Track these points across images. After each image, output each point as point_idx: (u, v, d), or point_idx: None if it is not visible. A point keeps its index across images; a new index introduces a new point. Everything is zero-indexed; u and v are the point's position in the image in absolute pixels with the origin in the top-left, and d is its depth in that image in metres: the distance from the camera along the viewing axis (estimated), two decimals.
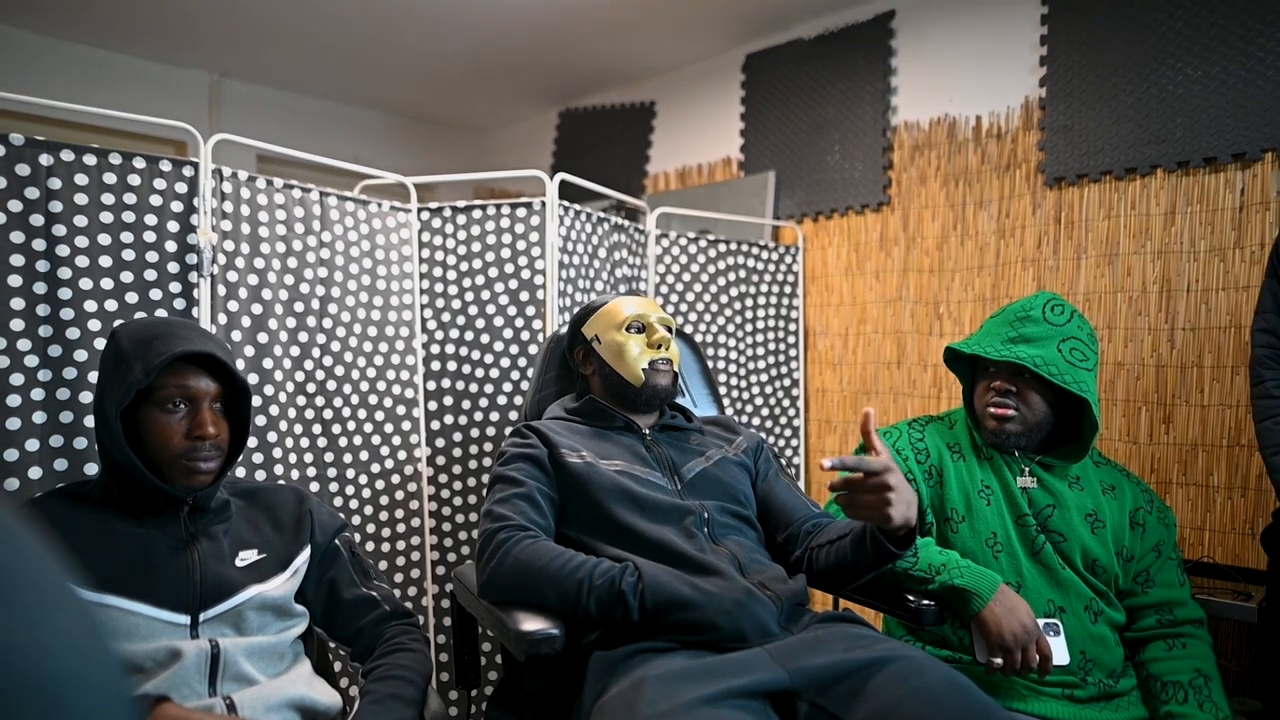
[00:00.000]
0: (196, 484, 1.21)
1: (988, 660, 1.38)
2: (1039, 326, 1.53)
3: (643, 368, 1.55)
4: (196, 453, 1.19)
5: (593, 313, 1.65)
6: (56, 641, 0.29)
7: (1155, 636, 1.50)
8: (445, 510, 2.31)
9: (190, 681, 1.11)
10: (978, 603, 1.38)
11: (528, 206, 2.28)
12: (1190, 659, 1.45)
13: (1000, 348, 1.52)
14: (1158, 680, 1.45)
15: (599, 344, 1.61)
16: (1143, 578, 1.54)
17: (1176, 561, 1.56)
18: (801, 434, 3.19)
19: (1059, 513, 1.52)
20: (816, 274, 3.24)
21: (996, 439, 1.55)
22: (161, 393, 1.18)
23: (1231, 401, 2.24)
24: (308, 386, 2.04)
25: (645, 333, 1.59)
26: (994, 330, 1.57)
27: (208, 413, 1.20)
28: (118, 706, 0.31)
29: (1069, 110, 2.55)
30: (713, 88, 3.70)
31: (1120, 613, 1.52)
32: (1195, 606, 1.53)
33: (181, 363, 1.20)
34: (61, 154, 1.63)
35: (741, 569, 1.32)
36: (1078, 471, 1.58)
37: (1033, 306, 1.56)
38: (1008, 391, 1.52)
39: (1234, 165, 2.25)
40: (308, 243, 2.03)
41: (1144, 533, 1.55)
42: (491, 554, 1.30)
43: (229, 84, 3.93)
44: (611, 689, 1.11)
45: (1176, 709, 1.40)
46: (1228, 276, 2.26)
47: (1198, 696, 1.40)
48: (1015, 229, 2.69)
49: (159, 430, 1.18)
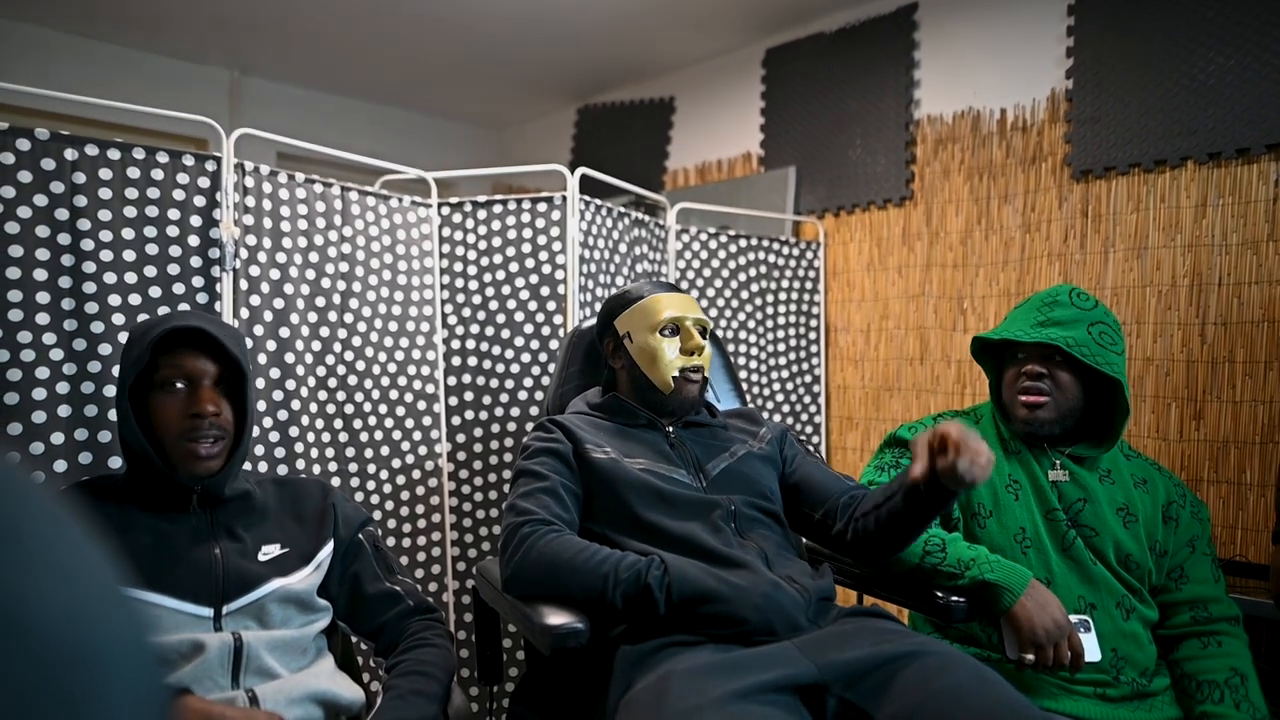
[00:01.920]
0: (198, 470, 1.19)
1: (1019, 657, 1.34)
2: (1067, 310, 1.51)
3: (674, 375, 1.50)
4: (195, 432, 1.18)
5: (627, 305, 1.58)
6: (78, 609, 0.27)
7: (1190, 634, 1.47)
8: (466, 506, 2.31)
9: (213, 674, 1.10)
10: (1008, 598, 1.35)
11: (548, 201, 2.27)
12: (1226, 657, 1.42)
13: (1031, 330, 1.49)
14: (1192, 680, 1.42)
15: (630, 342, 1.55)
16: (1176, 573, 1.51)
17: (1211, 557, 1.52)
18: (823, 431, 3.16)
19: (1090, 507, 1.49)
20: (838, 269, 3.21)
21: (1029, 427, 1.52)
22: (162, 374, 1.19)
23: (1265, 397, 2.20)
24: (329, 381, 2.03)
25: (680, 335, 1.53)
26: (1021, 317, 1.54)
27: (206, 391, 1.20)
28: (149, 690, 0.30)
29: (1097, 102, 2.51)
30: (733, 82, 3.68)
31: (1153, 610, 1.48)
32: (1231, 603, 1.49)
33: (182, 345, 1.20)
34: (86, 149, 1.64)
35: (769, 563, 1.30)
36: (1109, 464, 1.55)
37: (1059, 293, 1.54)
38: (1040, 375, 1.49)
39: (1268, 156, 2.21)
40: (329, 237, 2.03)
41: (1177, 527, 1.52)
42: (515, 548, 1.29)
43: (249, 81, 3.95)
44: (638, 683, 1.09)
45: (1212, 709, 1.36)
46: (1261, 270, 2.22)
47: (1234, 696, 1.36)
48: (1041, 223, 2.65)
49: (160, 412, 1.18)
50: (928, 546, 1.43)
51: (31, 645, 0.25)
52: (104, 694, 0.27)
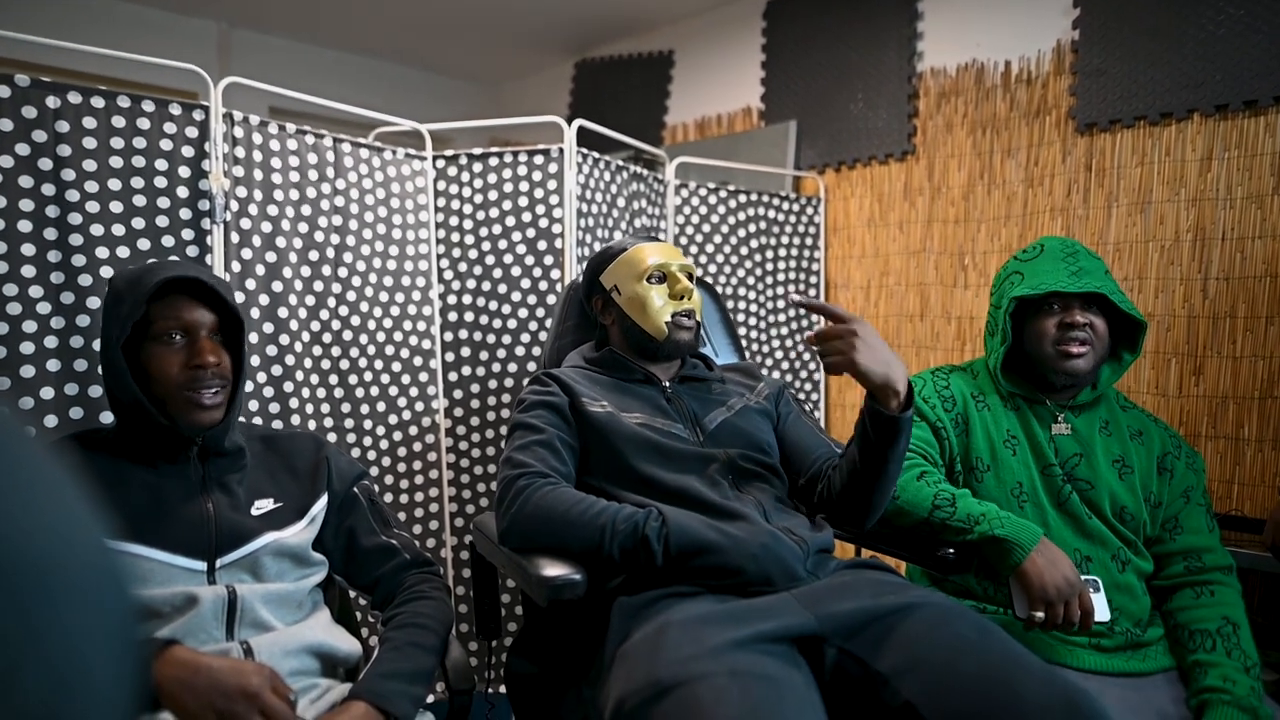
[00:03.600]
0: (202, 420, 1.18)
1: (1028, 615, 1.33)
2: (1089, 260, 1.51)
3: (665, 321, 1.50)
4: (197, 383, 1.16)
5: (610, 260, 1.57)
6: (39, 523, 0.26)
7: (1183, 584, 1.47)
8: (464, 462, 2.30)
9: (207, 627, 1.10)
10: (1019, 554, 1.33)
11: (545, 154, 2.23)
12: (1218, 606, 1.42)
13: (1071, 280, 1.47)
14: (1185, 629, 1.42)
15: (619, 295, 1.54)
16: (1171, 524, 1.51)
17: (1205, 507, 1.53)
18: (822, 388, 3.15)
19: (1085, 461, 1.49)
20: (838, 225, 3.18)
21: (1070, 378, 1.49)
22: (158, 325, 1.16)
23: (1265, 353, 2.19)
24: (324, 336, 2.01)
25: (667, 282, 1.53)
26: (1051, 270, 1.50)
27: (205, 342, 1.18)
28: (112, 610, 0.28)
29: (1103, 53, 2.46)
30: (733, 35, 3.61)
31: (1148, 562, 1.49)
32: (1224, 553, 1.49)
33: (176, 295, 1.17)
34: (69, 96, 1.60)
35: (766, 515, 1.29)
36: (1107, 415, 1.55)
37: (1072, 244, 1.53)
38: (1082, 325, 1.47)
39: (1275, 108, 2.17)
40: (321, 190, 2.00)
41: (1172, 478, 1.52)
42: (512, 500, 1.28)
43: (239, 33, 3.87)
44: (635, 634, 1.09)
45: (1205, 657, 1.37)
46: (1265, 224, 2.19)
47: (1226, 644, 1.37)
48: (1044, 177, 2.62)
49: (159, 363, 1.16)
50: (937, 500, 1.42)
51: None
52: (59, 603, 0.26)
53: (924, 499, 1.43)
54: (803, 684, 1.00)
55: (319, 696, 1.14)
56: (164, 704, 0.93)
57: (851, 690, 1.08)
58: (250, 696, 0.95)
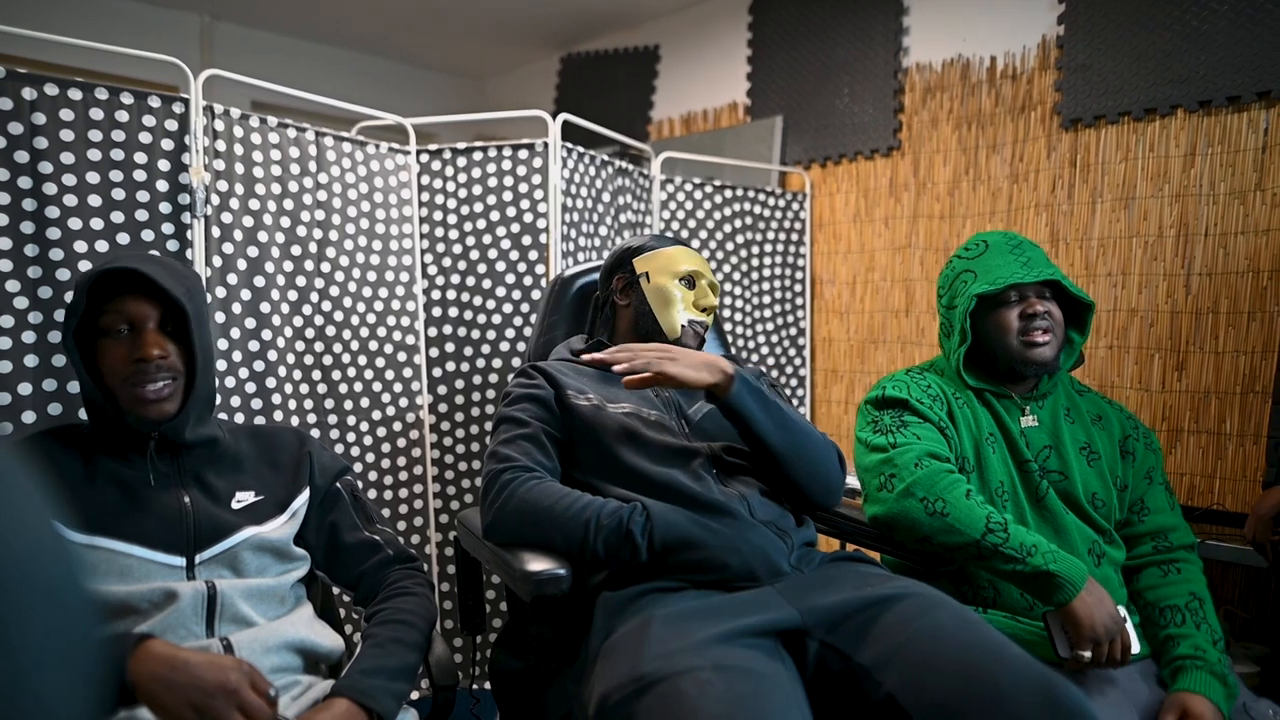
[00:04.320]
0: (149, 414, 1.16)
1: (1073, 654, 1.26)
2: (1033, 250, 1.53)
3: (683, 323, 1.53)
4: (142, 376, 1.14)
5: (648, 251, 1.59)
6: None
7: (1150, 563, 1.50)
8: (448, 458, 2.29)
9: (186, 623, 1.09)
10: (1069, 591, 1.27)
11: (530, 148, 2.22)
12: (1185, 583, 1.46)
13: (1024, 272, 1.48)
14: (1155, 606, 1.45)
15: (647, 281, 1.56)
16: (1138, 506, 1.53)
17: (1165, 486, 1.56)
18: (808, 384, 3.16)
19: (1055, 452, 1.50)
20: (824, 221, 3.18)
21: (1038, 368, 1.49)
22: (104, 319, 1.15)
23: (1246, 348, 2.20)
24: (306, 332, 2.00)
25: (695, 291, 1.56)
26: (1000, 262, 1.52)
27: (150, 334, 1.16)
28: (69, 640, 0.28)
29: (1088, 49, 2.47)
30: (718, 30, 3.61)
31: (1121, 549, 1.50)
32: (1187, 530, 1.52)
33: (123, 288, 1.16)
34: (45, 88, 1.58)
35: (751, 510, 1.29)
36: (1067, 402, 1.56)
37: (1013, 237, 1.56)
38: (1043, 313, 1.48)
39: (1258, 104, 2.18)
40: (304, 184, 1.98)
41: (1134, 460, 1.54)
42: (496, 495, 1.27)
43: (220, 27, 3.84)
44: (619, 629, 1.08)
45: (1176, 631, 1.40)
46: (1247, 220, 2.20)
47: (1194, 619, 1.41)
48: (1029, 173, 2.63)
49: (107, 357, 1.15)
50: (990, 524, 1.33)
51: None
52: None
53: (977, 520, 1.33)
54: (787, 678, 1.00)
55: (301, 693, 1.13)
56: (140, 699, 0.92)
57: (835, 683, 1.08)
58: (229, 692, 0.93)
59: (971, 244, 1.57)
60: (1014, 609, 1.44)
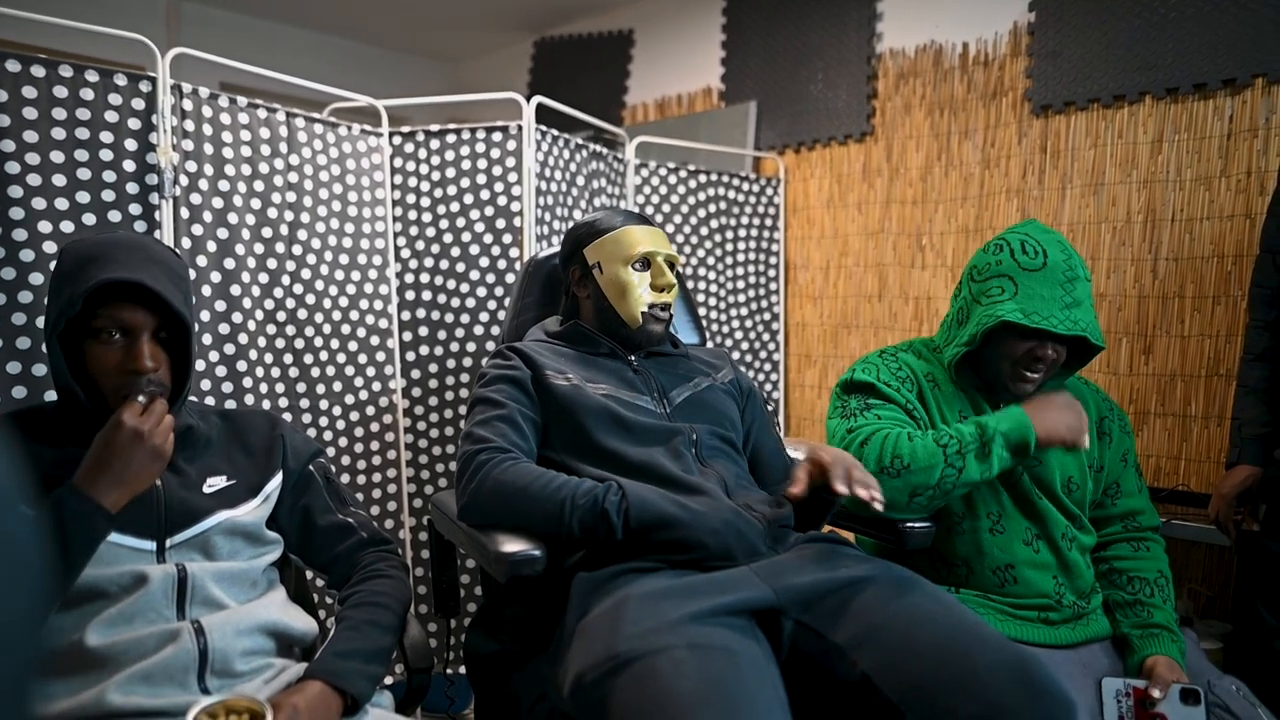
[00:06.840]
0: None
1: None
2: (1084, 286, 1.43)
3: (642, 310, 1.48)
4: (132, 387, 1.11)
5: (598, 235, 1.53)
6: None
7: (1121, 539, 1.56)
8: (422, 442, 2.28)
9: (156, 606, 1.07)
10: (1028, 432, 1.34)
11: (504, 131, 2.21)
12: (1154, 561, 1.52)
13: (1063, 317, 1.40)
14: (1125, 574, 1.50)
15: (599, 273, 1.51)
16: (1113, 489, 1.56)
17: (1137, 468, 1.59)
18: (781, 368, 3.17)
19: None
20: (798, 206, 3.19)
21: (1018, 398, 1.47)
22: (96, 322, 1.11)
23: (1211, 331, 2.24)
24: (278, 315, 1.97)
25: (650, 271, 1.51)
26: (1046, 294, 1.41)
27: (144, 345, 1.12)
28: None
29: (1058, 36, 2.50)
30: (693, 14, 3.60)
31: (1091, 535, 1.53)
32: (1153, 513, 1.58)
33: (120, 293, 1.11)
34: (7, 64, 1.54)
35: (728, 491, 1.30)
36: (1050, 387, 1.55)
37: (1074, 264, 1.44)
38: (1050, 359, 1.43)
39: (1223, 92, 2.21)
40: (275, 165, 1.95)
41: (1111, 442, 1.56)
42: (471, 476, 1.27)
43: (188, 6, 3.76)
44: (594, 609, 1.09)
45: (1147, 600, 1.46)
46: (1213, 206, 2.24)
47: (1161, 595, 1.47)
48: (1000, 159, 2.65)
49: (96, 362, 1.11)
50: (942, 442, 1.37)
51: None
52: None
53: (932, 449, 1.37)
54: (761, 656, 1.01)
55: (274, 676, 1.12)
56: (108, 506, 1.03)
57: (809, 663, 1.09)
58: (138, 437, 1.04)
59: (1032, 246, 1.44)
60: (986, 588, 1.47)
